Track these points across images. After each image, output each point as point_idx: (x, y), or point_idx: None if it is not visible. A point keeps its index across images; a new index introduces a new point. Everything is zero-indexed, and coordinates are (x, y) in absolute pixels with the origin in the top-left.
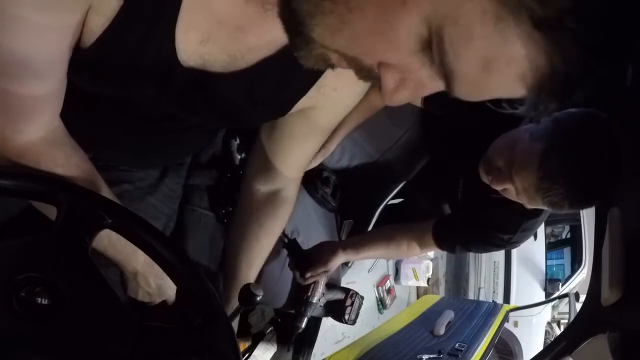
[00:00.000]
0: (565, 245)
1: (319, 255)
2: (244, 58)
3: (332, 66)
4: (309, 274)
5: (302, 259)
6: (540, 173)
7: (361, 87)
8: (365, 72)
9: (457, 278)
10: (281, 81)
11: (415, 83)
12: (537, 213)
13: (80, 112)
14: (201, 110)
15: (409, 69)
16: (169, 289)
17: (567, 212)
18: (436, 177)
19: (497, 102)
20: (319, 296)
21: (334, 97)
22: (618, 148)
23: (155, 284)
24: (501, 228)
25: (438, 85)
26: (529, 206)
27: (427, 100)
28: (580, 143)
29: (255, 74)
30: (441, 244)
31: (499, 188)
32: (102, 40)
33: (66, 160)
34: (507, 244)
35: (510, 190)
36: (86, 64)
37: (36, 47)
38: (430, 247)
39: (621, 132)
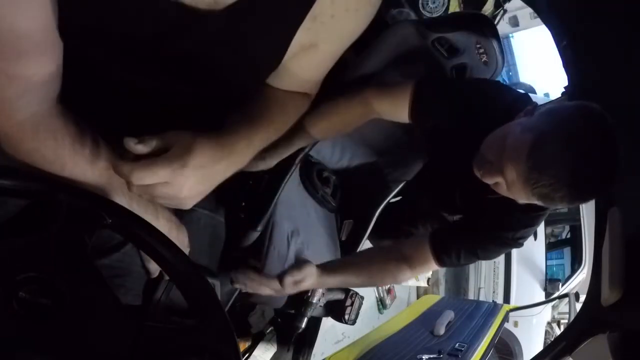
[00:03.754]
0: (565, 245)
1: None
2: None
3: None
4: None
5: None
6: (530, 163)
7: (361, 11)
8: None
9: (457, 278)
10: (272, 13)
11: None
12: (538, 207)
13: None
14: (192, 56)
15: None
16: None
17: (559, 206)
18: (435, 178)
19: None
20: (319, 296)
21: (334, 25)
22: (613, 141)
23: None
24: (504, 226)
25: None
26: (521, 201)
27: (415, 114)
28: (572, 133)
29: (244, 6)
30: (442, 256)
31: (490, 181)
32: None
33: (82, 130)
34: (513, 241)
35: (501, 184)
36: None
37: (27, 20)
38: (422, 268)
39: (622, 133)
